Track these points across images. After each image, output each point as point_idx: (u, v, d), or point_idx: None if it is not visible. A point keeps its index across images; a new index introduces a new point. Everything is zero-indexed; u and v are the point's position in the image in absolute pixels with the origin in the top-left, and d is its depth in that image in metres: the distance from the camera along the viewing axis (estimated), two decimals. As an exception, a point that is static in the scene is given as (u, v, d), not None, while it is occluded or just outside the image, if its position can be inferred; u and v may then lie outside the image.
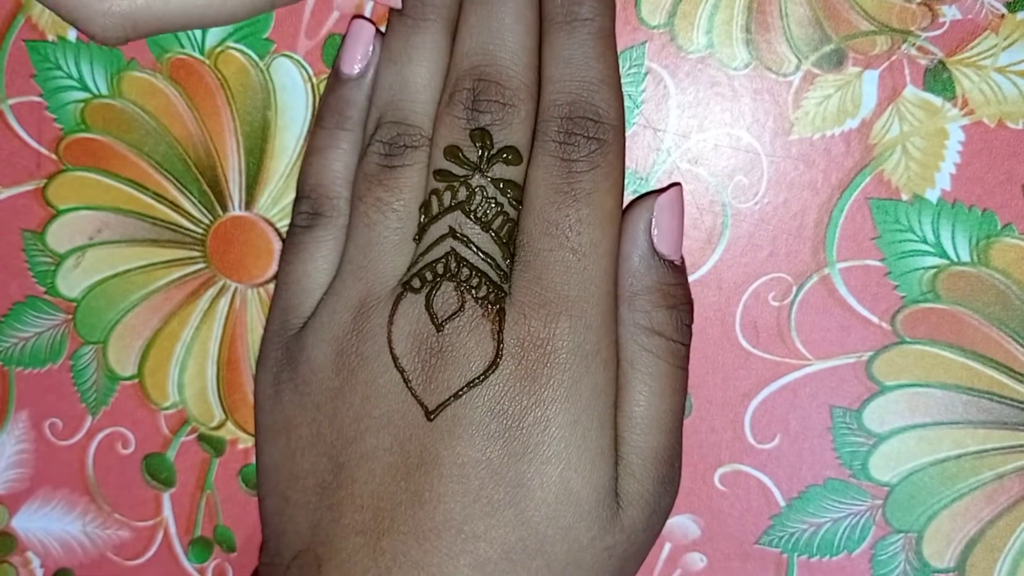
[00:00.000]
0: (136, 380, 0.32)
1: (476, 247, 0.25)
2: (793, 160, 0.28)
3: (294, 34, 0.29)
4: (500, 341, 0.25)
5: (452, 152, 0.26)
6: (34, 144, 0.31)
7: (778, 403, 0.29)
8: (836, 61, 0.27)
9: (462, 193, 0.25)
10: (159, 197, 0.31)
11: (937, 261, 0.28)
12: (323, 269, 0.28)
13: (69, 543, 0.33)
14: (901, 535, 0.29)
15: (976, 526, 0.29)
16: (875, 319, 0.28)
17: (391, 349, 0.25)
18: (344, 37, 0.28)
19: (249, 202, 0.30)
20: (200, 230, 0.31)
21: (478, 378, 0.25)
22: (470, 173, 0.26)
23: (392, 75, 0.27)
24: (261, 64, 0.29)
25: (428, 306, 0.25)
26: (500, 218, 0.26)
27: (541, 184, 0.25)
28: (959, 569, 0.29)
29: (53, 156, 0.31)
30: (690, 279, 0.29)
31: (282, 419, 0.27)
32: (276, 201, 0.30)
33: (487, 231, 0.25)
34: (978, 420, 0.28)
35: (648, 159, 0.28)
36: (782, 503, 0.30)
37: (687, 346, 0.27)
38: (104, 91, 0.30)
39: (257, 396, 0.28)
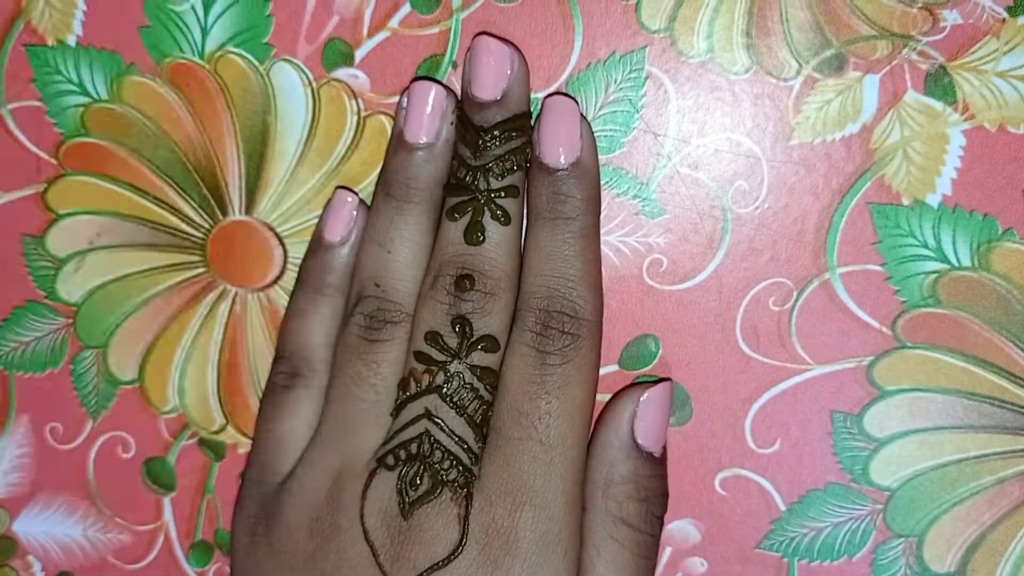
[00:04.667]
0: (136, 384, 0.32)
1: (450, 430, 0.26)
2: (794, 165, 0.28)
3: (294, 38, 0.29)
4: (466, 526, 0.26)
5: (433, 338, 0.27)
6: (34, 149, 0.31)
7: (779, 408, 0.29)
8: (837, 66, 0.27)
9: (440, 378, 0.26)
10: (159, 201, 0.31)
11: (938, 266, 0.28)
12: (300, 430, 0.29)
13: (70, 547, 0.33)
14: (902, 539, 0.29)
15: (977, 530, 0.29)
16: (876, 324, 0.28)
17: (363, 523, 0.26)
18: (327, 204, 0.29)
19: (249, 206, 0.30)
20: (200, 234, 0.31)
21: (442, 561, 0.26)
22: (449, 359, 0.26)
23: (375, 253, 0.28)
24: (261, 68, 0.29)
25: (399, 485, 0.26)
26: (475, 402, 0.26)
27: (516, 373, 0.26)
28: (960, 574, 0.29)
29: (53, 160, 0.31)
30: (691, 284, 0.29)
31: (256, 571, 0.28)
32: (276, 206, 0.30)
33: (461, 415, 0.26)
34: (979, 424, 0.28)
35: (648, 164, 0.28)
36: (783, 507, 0.30)
37: (656, 536, 0.27)
38: (104, 95, 0.30)
39: (233, 542, 0.29)
